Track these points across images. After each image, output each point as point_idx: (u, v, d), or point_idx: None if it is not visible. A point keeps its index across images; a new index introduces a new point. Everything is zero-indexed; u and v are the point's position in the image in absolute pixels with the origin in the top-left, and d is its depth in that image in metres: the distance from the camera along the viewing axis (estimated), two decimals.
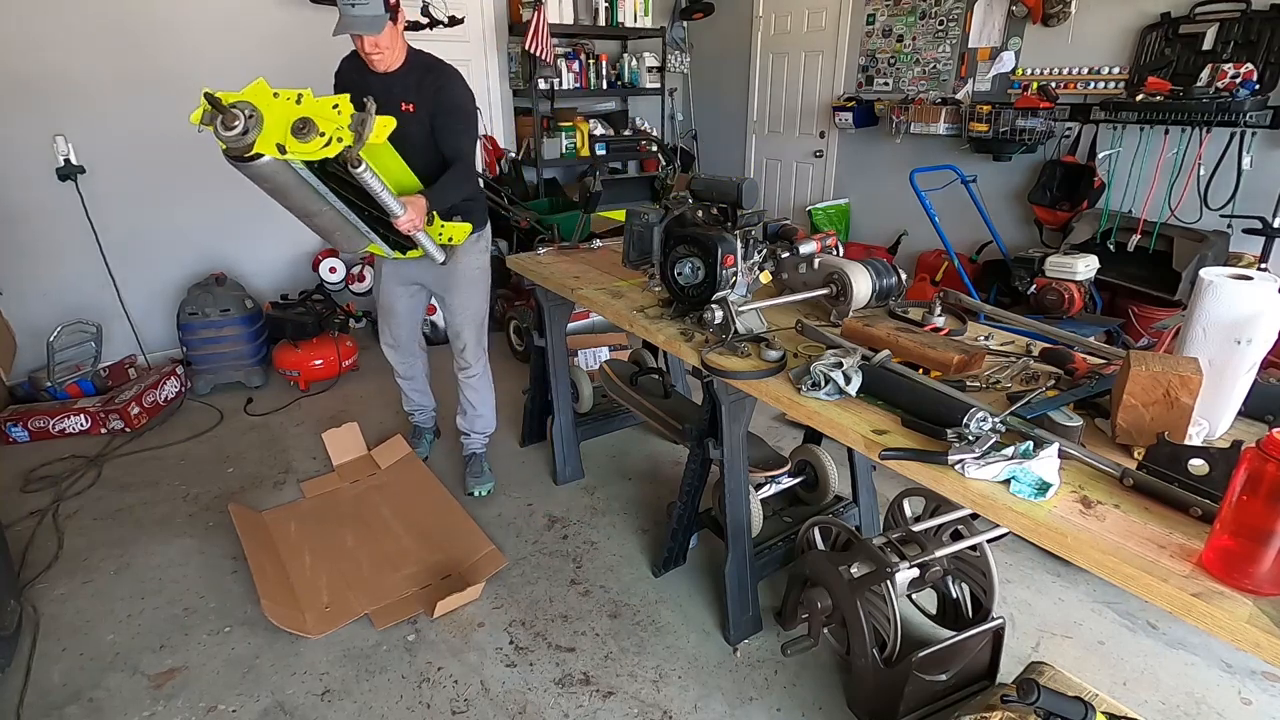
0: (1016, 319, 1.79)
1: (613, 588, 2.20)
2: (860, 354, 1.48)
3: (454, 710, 1.78)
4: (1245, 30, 3.02)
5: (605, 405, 2.93)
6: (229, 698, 1.81)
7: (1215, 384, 1.18)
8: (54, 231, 3.41)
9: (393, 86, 2.14)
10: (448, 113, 2.16)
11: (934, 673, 1.67)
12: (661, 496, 2.63)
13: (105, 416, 3.10)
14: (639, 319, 1.92)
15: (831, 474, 2.25)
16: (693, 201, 1.93)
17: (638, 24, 5.20)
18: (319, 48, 3.81)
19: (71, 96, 3.30)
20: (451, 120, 2.17)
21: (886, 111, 4.36)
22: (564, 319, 2.59)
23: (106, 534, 2.45)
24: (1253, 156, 3.04)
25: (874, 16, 4.54)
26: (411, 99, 2.15)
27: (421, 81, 2.15)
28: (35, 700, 1.80)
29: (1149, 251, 3.26)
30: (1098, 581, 2.12)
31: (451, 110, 2.16)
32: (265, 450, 3.00)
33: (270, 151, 1.66)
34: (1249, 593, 0.89)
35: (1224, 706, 1.77)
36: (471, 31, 4.84)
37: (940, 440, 1.21)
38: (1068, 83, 3.64)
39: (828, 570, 1.73)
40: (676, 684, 1.86)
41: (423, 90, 2.14)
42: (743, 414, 1.81)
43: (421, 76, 2.15)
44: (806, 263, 1.91)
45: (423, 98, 2.15)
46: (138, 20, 3.37)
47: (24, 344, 3.30)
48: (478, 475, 2.69)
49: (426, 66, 2.18)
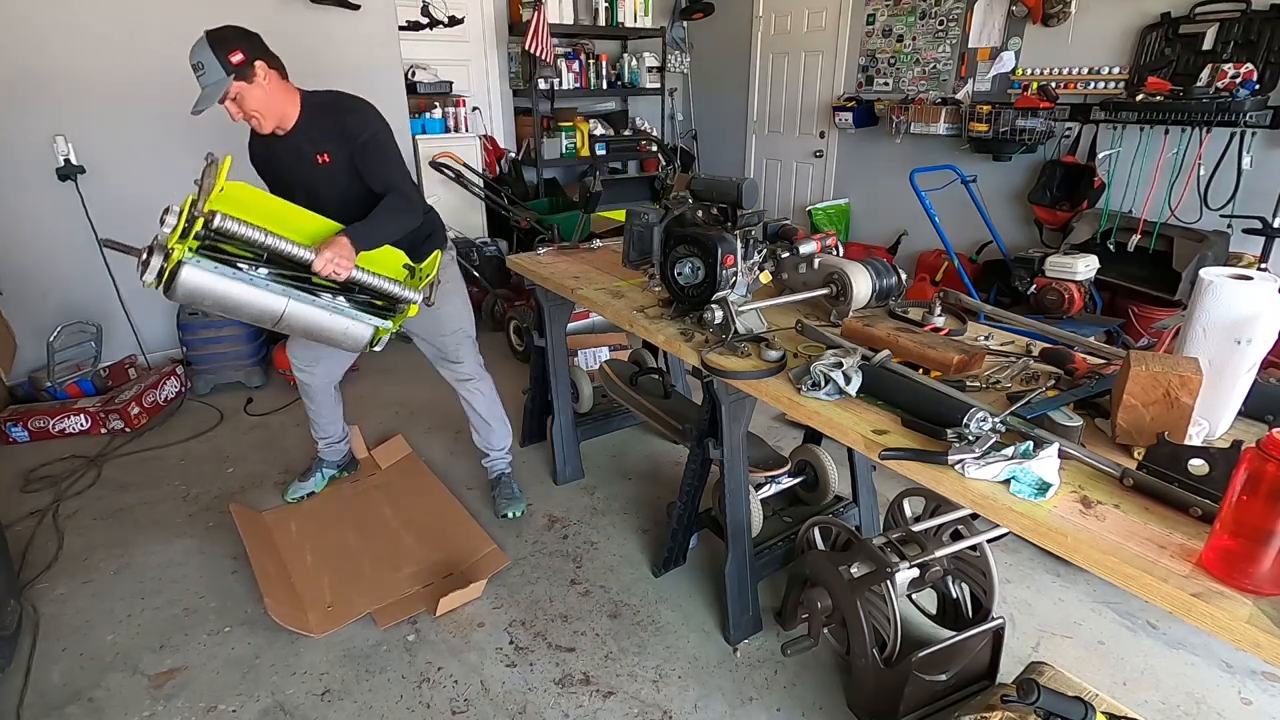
0: (1016, 319, 1.79)
1: (613, 588, 2.20)
2: (860, 354, 1.48)
3: (454, 710, 1.78)
4: (1245, 30, 3.02)
5: (605, 405, 2.93)
6: (229, 698, 1.81)
7: (1215, 384, 1.18)
8: (54, 231, 3.41)
9: (300, 144, 1.96)
10: (360, 149, 1.94)
11: (934, 673, 1.67)
12: (661, 496, 2.63)
13: (105, 416, 3.10)
14: (639, 319, 1.92)
15: (831, 474, 2.25)
16: (693, 201, 1.93)
17: (638, 24, 5.21)
18: (319, 48, 3.84)
19: (71, 96, 3.30)
20: (366, 155, 1.95)
21: (886, 111, 4.36)
22: (564, 319, 2.59)
23: (106, 534, 2.45)
24: (1253, 156, 3.04)
25: (874, 16, 4.54)
26: (322, 148, 1.95)
27: (324, 126, 1.94)
28: (35, 700, 1.80)
29: (1149, 251, 3.26)
30: (1098, 581, 2.12)
31: (363, 145, 1.94)
32: (265, 450, 3.00)
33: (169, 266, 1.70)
34: (1249, 593, 0.89)
35: (1224, 706, 1.77)
36: (471, 31, 4.85)
37: (940, 440, 1.21)
38: (1068, 83, 3.64)
39: (828, 570, 1.73)
40: (676, 684, 1.86)
41: (328, 135, 1.94)
42: (743, 414, 1.81)
43: (321, 121, 1.95)
44: (806, 263, 1.91)
45: (332, 143, 1.95)
46: (138, 20, 3.37)
47: (24, 344, 3.30)
48: (508, 497, 2.54)
49: (323, 108, 1.96)
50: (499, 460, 2.60)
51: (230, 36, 1.83)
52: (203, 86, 1.83)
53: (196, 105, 1.84)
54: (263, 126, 1.93)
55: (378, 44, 4.03)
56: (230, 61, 1.80)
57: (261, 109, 1.89)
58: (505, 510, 2.50)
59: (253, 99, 1.86)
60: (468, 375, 2.41)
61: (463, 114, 4.70)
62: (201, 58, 1.81)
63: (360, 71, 4.01)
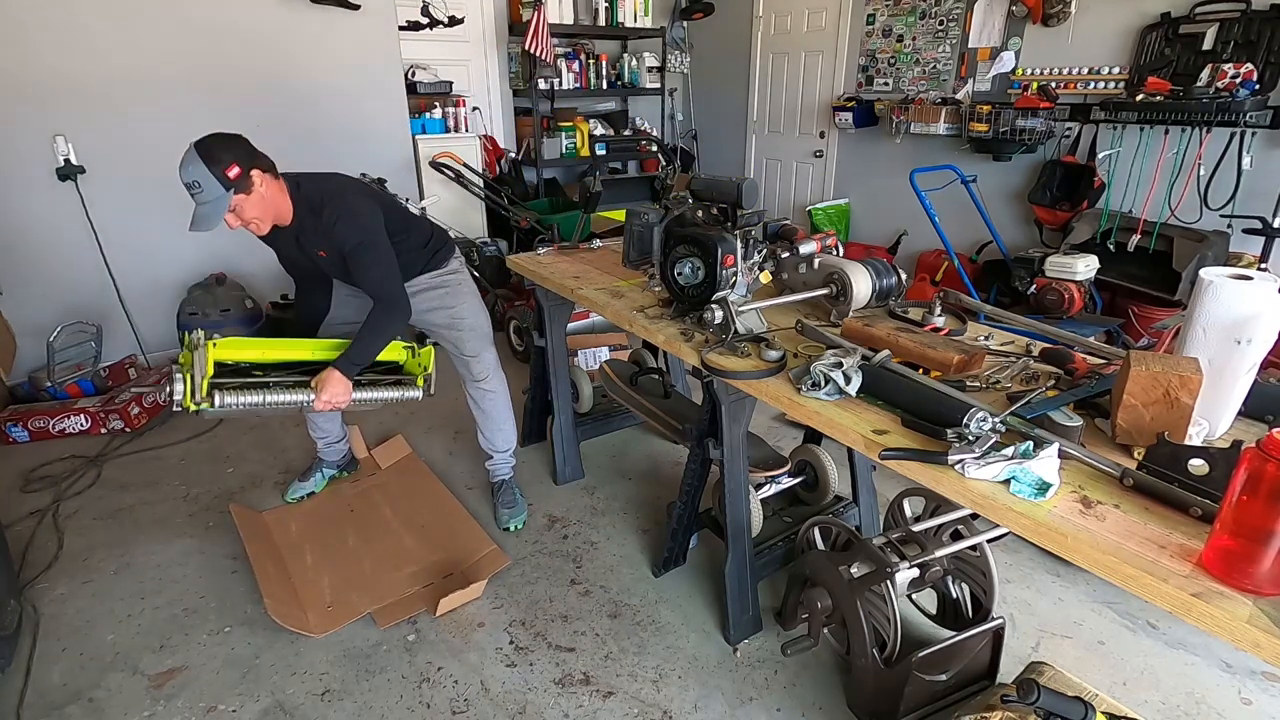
0: (1016, 319, 1.79)
1: (613, 588, 2.20)
2: (860, 354, 1.48)
3: (454, 710, 1.78)
4: (1245, 30, 3.02)
5: (605, 405, 2.93)
6: (229, 698, 1.81)
7: (1215, 384, 1.18)
8: (54, 231, 3.41)
9: (300, 236, 1.99)
10: (347, 255, 1.95)
11: (934, 673, 1.67)
12: (661, 496, 2.63)
13: (105, 416, 3.10)
14: (639, 319, 1.92)
15: (831, 474, 2.25)
16: (693, 201, 1.93)
17: (638, 24, 5.21)
18: (319, 48, 3.85)
19: (71, 96, 3.30)
20: (354, 261, 1.96)
21: (886, 111, 4.36)
22: (564, 319, 2.59)
23: (106, 534, 2.45)
24: (1253, 156, 3.04)
25: (874, 16, 4.54)
26: (318, 247, 2.00)
27: (315, 229, 1.96)
28: (35, 700, 1.80)
29: (1149, 251, 3.26)
30: (1098, 581, 2.12)
31: (350, 252, 1.95)
32: (265, 450, 3.00)
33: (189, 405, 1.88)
34: (1249, 593, 0.89)
35: (1224, 706, 1.77)
36: (471, 31, 4.85)
37: (940, 440, 1.21)
38: (1068, 83, 3.64)
39: (828, 570, 1.73)
40: (676, 684, 1.86)
41: (321, 236, 1.96)
42: (743, 414, 1.81)
43: (313, 223, 1.95)
44: (806, 263, 1.91)
45: (325, 244, 1.98)
46: (137, 20, 3.37)
47: (24, 344, 3.30)
48: (510, 505, 2.49)
49: (311, 208, 1.95)
50: (502, 465, 2.56)
51: (221, 149, 1.78)
52: (200, 204, 1.77)
53: (196, 225, 1.79)
54: (261, 230, 1.93)
55: (378, 44, 4.03)
56: (228, 176, 1.76)
57: (260, 215, 1.88)
58: (507, 522, 2.46)
59: (251, 208, 1.85)
60: (482, 374, 2.39)
61: (463, 114, 4.70)
62: (196, 176, 1.74)
63: (360, 71, 4.02)
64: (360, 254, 1.95)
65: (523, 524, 2.49)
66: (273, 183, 1.89)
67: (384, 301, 2.00)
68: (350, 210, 1.95)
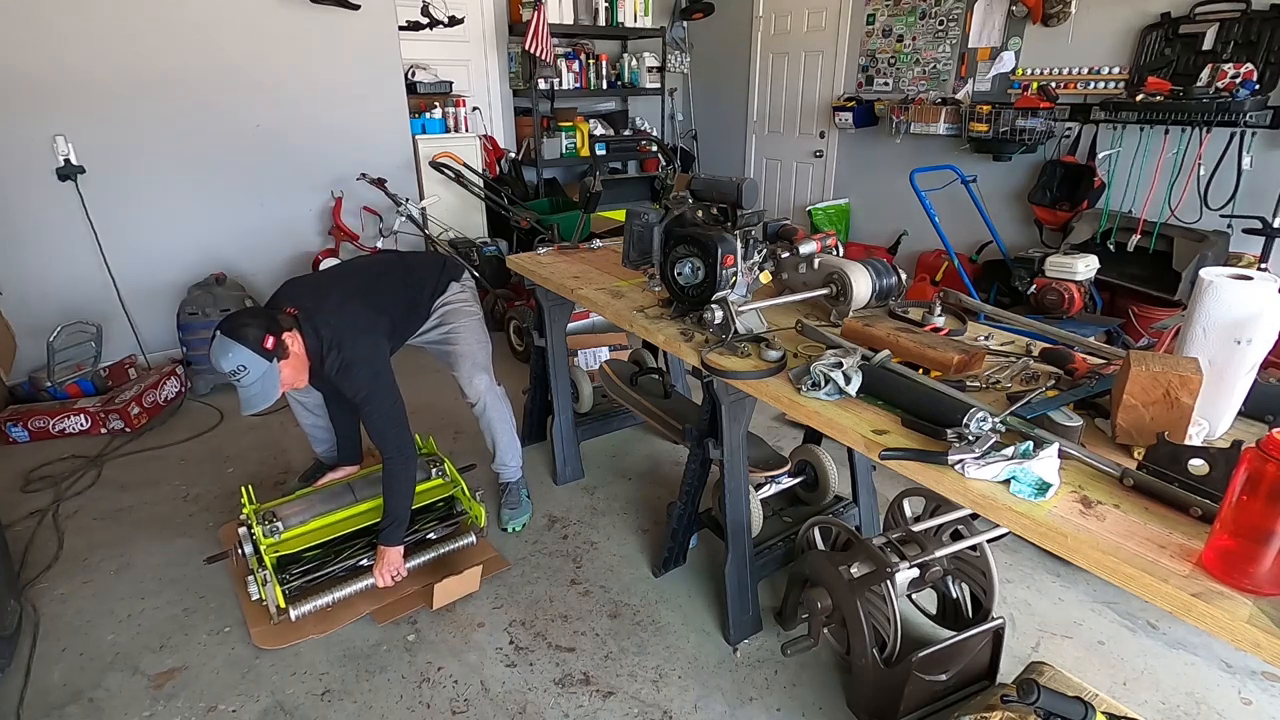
0: (1016, 319, 1.79)
1: (613, 588, 2.20)
2: (860, 354, 1.48)
3: (454, 710, 1.78)
4: (1245, 30, 3.02)
5: (605, 405, 2.93)
6: (229, 698, 1.81)
7: (1215, 384, 1.18)
8: (54, 231, 3.41)
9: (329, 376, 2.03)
10: (359, 404, 2.00)
11: (934, 673, 1.67)
12: (661, 496, 2.63)
13: (105, 416, 3.10)
14: (639, 319, 1.92)
15: (831, 474, 2.25)
16: (693, 201, 1.93)
17: (638, 24, 5.21)
18: (320, 48, 3.85)
19: (71, 96, 3.30)
20: (360, 409, 2.02)
21: (886, 111, 4.36)
22: (564, 319, 2.59)
23: (106, 534, 2.45)
24: (1253, 156, 3.04)
25: (874, 16, 4.54)
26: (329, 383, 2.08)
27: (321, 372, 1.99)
28: (35, 700, 1.80)
29: (1149, 251, 3.26)
30: (1098, 581, 2.12)
31: (358, 403, 2.00)
32: (265, 450, 3.00)
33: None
34: (1249, 593, 0.89)
35: (1224, 706, 1.77)
36: (471, 31, 4.85)
37: (940, 440, 1.21)
38: (1068, 83, 3.64)
39: (828, 570, 1.73)
40: (676, 684, 1.86)
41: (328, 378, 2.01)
42: (743, 414, 1.81)
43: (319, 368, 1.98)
44: (806, 263, 1.91)
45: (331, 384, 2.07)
46: (138, 20, 3.37)
47: (24, 344, 3.30)
48: (514, 506, 2.48)
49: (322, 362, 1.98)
50: (510, 470, 2.54)
51: (247, 325, 1.79)
52: (246, 386, 1.78)
53: (251, 408, 1.79)
54: (296, 385, 1.96)
55: (378, 44, 4.03)
56: (266, 349, 1.78)
57: (295, 374, 1.91)
58: (507, 523, 2.46)
59: (289, 370, 1.87)
60: (474, 398, 2.34)
61: (463, 114, 4.70)
62: (239, 360, 1.75)
63: (360, 71, 4.02)
64: (364, 403, 1.98)
65: (523, 526, 2.48)
66: (298, 338, 1.91)
67: (391, 456, 1.99)
68: (354, 359, 1.96)
